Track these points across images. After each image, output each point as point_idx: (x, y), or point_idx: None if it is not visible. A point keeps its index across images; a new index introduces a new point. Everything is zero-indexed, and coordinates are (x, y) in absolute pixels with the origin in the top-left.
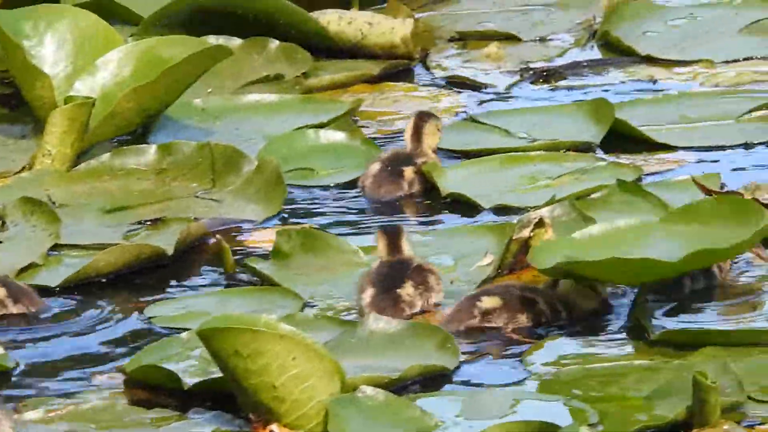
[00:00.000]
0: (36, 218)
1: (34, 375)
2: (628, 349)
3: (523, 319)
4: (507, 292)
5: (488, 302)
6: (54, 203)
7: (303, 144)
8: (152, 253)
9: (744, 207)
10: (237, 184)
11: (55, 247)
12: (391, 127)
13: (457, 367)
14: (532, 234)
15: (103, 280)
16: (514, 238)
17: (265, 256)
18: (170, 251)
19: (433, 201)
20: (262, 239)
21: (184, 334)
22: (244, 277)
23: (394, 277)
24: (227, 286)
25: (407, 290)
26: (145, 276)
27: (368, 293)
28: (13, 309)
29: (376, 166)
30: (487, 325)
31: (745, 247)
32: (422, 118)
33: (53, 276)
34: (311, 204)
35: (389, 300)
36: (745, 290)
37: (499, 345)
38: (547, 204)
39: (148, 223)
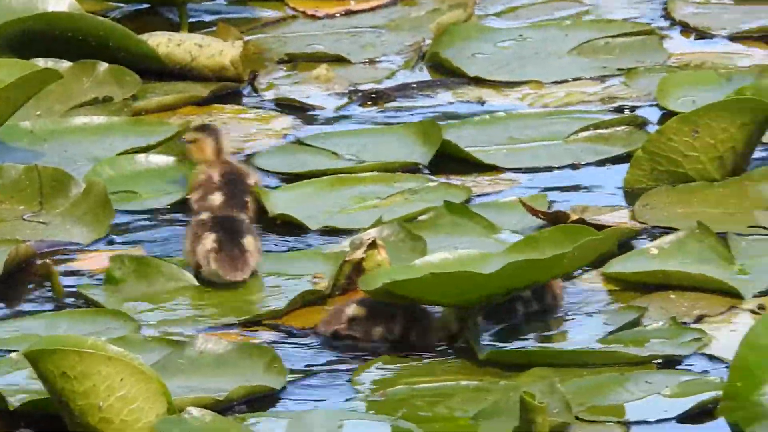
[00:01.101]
0: None
1: None
2: (457, 369)
3: (378, 332)
4: (373, 304)
5: (354, 310)
6: None
7: (129, 167)
8: None
9: (576, 231)
10: (65, 206)
11: None
12: None
13: (285, 387)
14: (365, 255)
15: None
16: (347, 259)
17: (94, 278)
18: None
19: (261, 222)
20: (90, 262)
21: (12, 355)
22: (74, 299)
23: (234, 228)
24: (58, 308)
25: (249, 241)
26: None
27: (211, 238)
28: None
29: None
30: (350, 333)
31: (568, 263)
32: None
33: None
34: (138, 226)
35: (236, 249)
36: (566, 312)
37: (329, 364)
38: (374, 225)
39: None
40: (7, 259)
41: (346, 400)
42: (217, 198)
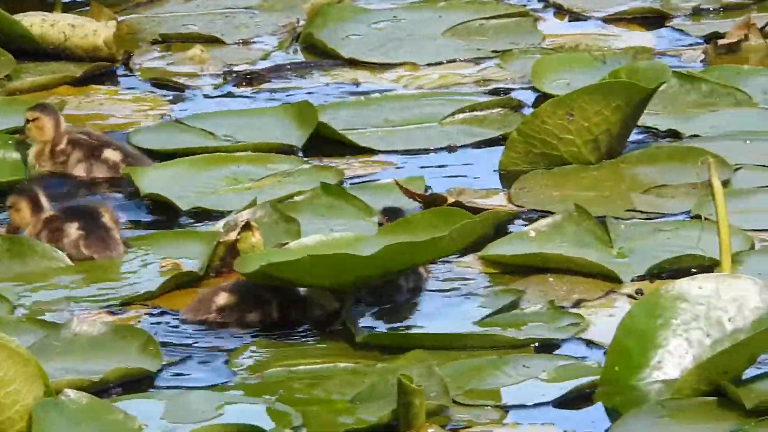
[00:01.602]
0: None
1: None
2: (334, 351)
3: (253, 317)
4: (243, 289)
5: (224, 299)
6: None
7: None
8: None
9: (452, 214)
10: None
11: None
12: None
13: (162, 369)
14: (239, 237)
15: None
16: (220, 240)
17: None
18: None
19: (133, 202)
20: None
21: None
22: None
23: (92, 214)
24: None
25: (108, 219)
26: None
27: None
28: None
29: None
30: (221, 320)
31: (446, 246)
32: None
33: None
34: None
35: (100, 233)
36: (451, 295)
37: (205, 346)
38: (248, 206)
39: None
40: None
41: (223, 382)
42: (113, 155)
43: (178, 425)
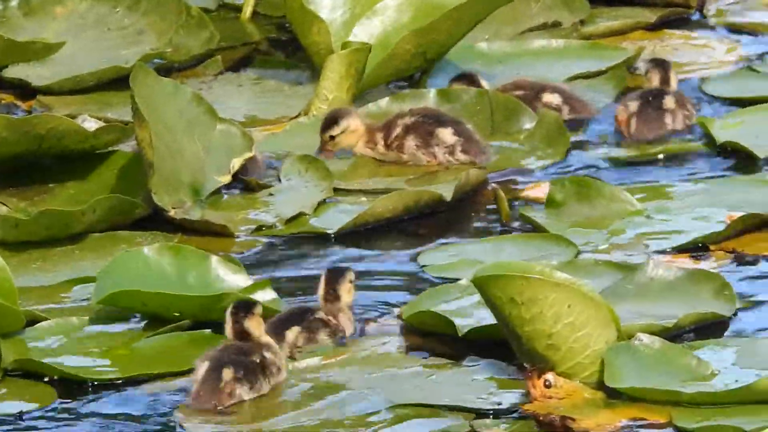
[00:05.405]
0: (310, 174)
1: None
2: None
3: None
4: None
5: None
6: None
7: None
8: (430, 199)
9: None
10: (516, 134)
11: (335, 191)
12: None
13: (734, 315)
14: None
15: (379, 227)
16: None
17: (537, 205)
18: (448, 197)
19: (707, 149)
20: (540, 189)
21: (462, 281)
22: (516, 225)
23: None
24: (504, 233)
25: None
26: (420, 223)
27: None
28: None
29: (634, 104)
30: None
31: None
32: None
33: (330, 222)
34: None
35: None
36: None
37: None
38: None
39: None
40: (459, 183)
41: None
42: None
43: (749, 371)
